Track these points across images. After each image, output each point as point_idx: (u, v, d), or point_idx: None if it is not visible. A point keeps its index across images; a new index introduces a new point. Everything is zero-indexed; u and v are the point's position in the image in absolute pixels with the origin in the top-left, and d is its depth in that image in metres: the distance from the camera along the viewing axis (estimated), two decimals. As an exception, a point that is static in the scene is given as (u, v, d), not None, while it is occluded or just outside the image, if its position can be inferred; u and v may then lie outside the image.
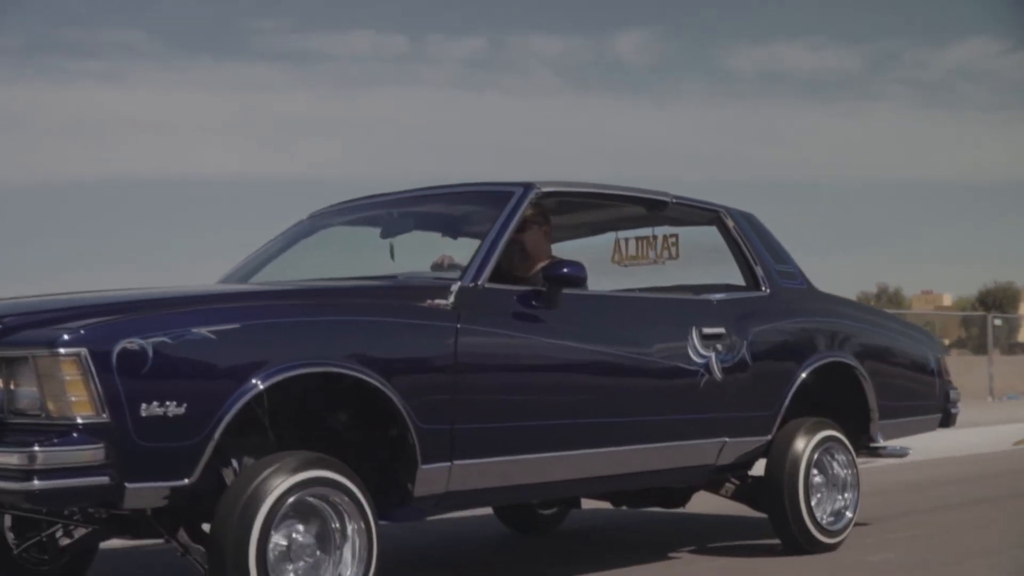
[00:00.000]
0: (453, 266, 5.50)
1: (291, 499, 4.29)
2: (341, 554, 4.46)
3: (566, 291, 5.29)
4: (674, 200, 6.22)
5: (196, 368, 4.17)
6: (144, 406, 4.00)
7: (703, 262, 6.71)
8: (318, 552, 4.43)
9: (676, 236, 6.41)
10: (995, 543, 6.46)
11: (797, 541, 6.18)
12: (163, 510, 4.30)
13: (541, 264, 5.87)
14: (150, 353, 4.04)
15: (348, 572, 4.45)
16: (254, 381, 4.25)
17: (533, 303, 5.21)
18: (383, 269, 5.68)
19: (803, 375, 6.27)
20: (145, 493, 4.08)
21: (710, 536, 6.85)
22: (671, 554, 6.21)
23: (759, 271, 6.45)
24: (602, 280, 6.56)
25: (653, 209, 6.23)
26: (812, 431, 6.23)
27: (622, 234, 6.59)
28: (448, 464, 4.79)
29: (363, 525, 4.48)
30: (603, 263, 6.61)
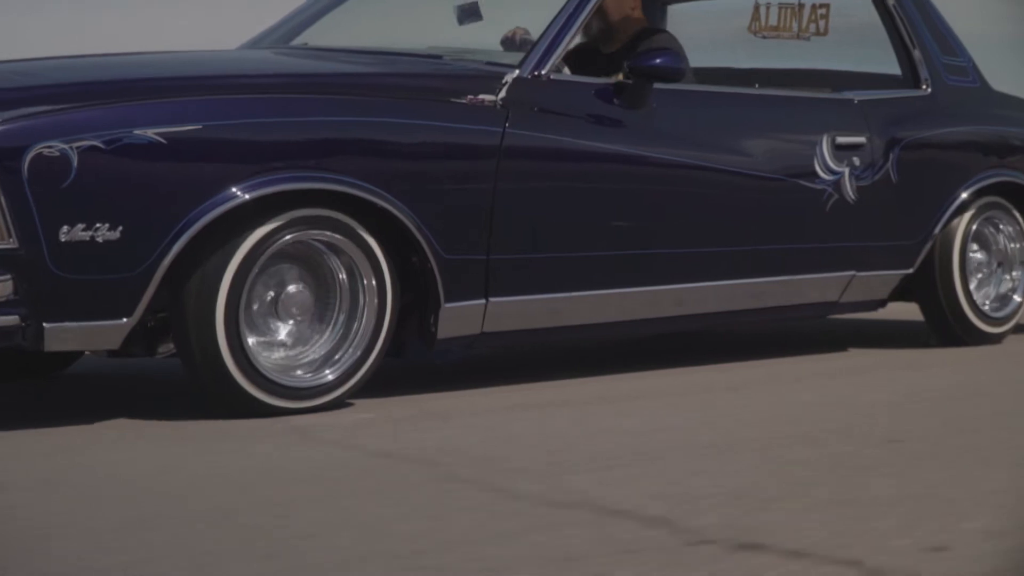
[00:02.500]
0: (526, 41, 4.51)
1: (286, 237, 3.51)
2: (345, 320, 3.65)
3: (657, 86, 4.27)
4: None
5: (137, 181, 3.37)
6: (65, 229, 3.28)
7: (857, 44, 5.59)
8: (312, 313, 3.63)
9: (827, 8, 5.29)
10: None
11: (954, 332, 5.17)
12: None
13: (628, 37, 4.71)
14: (74, 162, 3.27)
15: (347, 346, 3.64)
16: (233, 190, 3.44)
17: (614, 100, 4.23)
18: (448, 35, 4.71)
19: (963, 195, 5.13)
20: (70, 334, 3.38)
21: (857, 331, 5.79)
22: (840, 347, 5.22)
23: (919, 58, 5.25)
24: (736, 51, 5.68)
25: None
26: (969, 197, 5.17)
27: None
28: (482, 302, 3.89)
29: (375, 283, 3.65)
30: (737, 31, 5.57)
